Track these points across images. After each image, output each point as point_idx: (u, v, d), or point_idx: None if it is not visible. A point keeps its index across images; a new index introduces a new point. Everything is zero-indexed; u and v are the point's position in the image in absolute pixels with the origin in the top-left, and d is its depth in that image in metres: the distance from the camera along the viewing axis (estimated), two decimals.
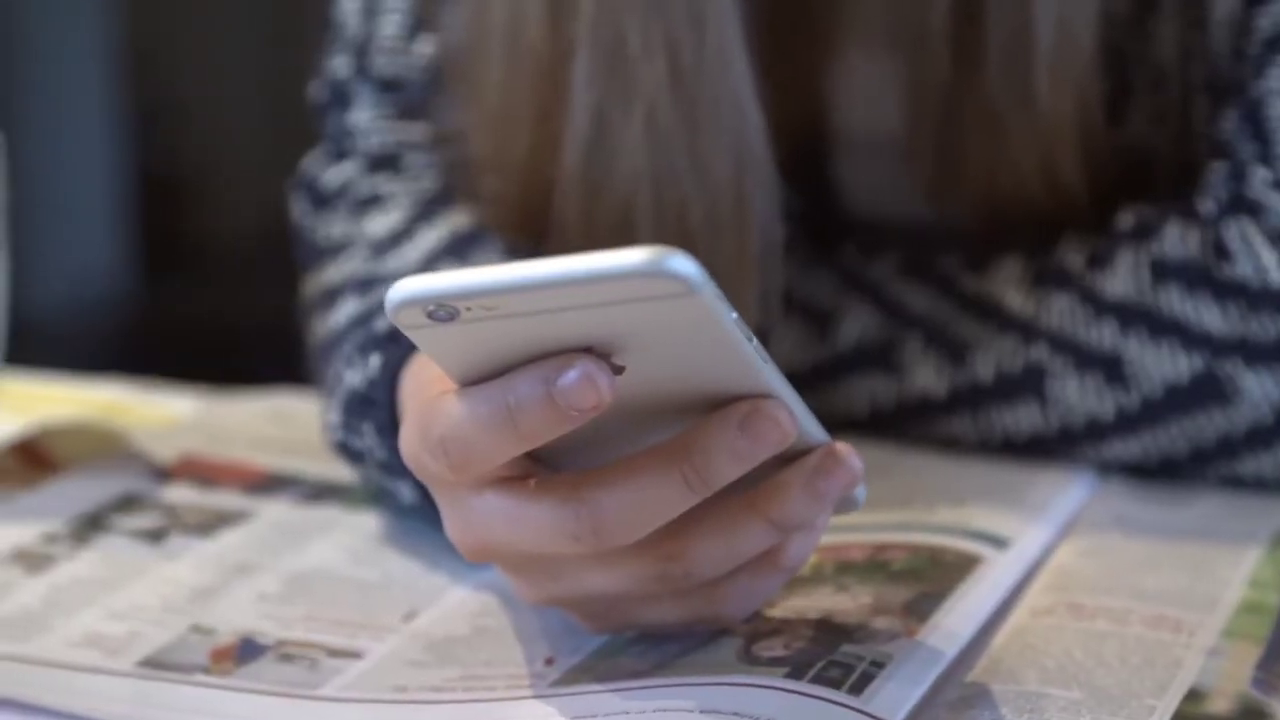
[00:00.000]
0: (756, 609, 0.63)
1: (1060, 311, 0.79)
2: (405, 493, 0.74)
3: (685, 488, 0.57)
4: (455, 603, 0.69)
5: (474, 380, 0.56)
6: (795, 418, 0.57)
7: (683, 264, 0.52)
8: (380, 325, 0.75)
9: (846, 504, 0.61)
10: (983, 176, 0.81)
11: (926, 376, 0.81)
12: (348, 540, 0.75)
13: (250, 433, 0.87)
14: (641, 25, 0.76)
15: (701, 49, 0.76)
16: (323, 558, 0.74)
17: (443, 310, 0.53)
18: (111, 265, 3.33)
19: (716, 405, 0.57)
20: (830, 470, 0.59)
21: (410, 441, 0.59)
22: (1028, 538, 0.72)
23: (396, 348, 0.72)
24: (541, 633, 0.66)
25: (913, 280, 0.83)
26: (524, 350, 0.55)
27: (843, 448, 0.59)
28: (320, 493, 0.80)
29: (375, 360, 0.73)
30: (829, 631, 0.63)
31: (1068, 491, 0.78)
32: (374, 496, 0.79)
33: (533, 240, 0.81)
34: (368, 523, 0.77)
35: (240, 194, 3.62)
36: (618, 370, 0.55)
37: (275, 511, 0.78)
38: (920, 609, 0.65)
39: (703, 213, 0.77)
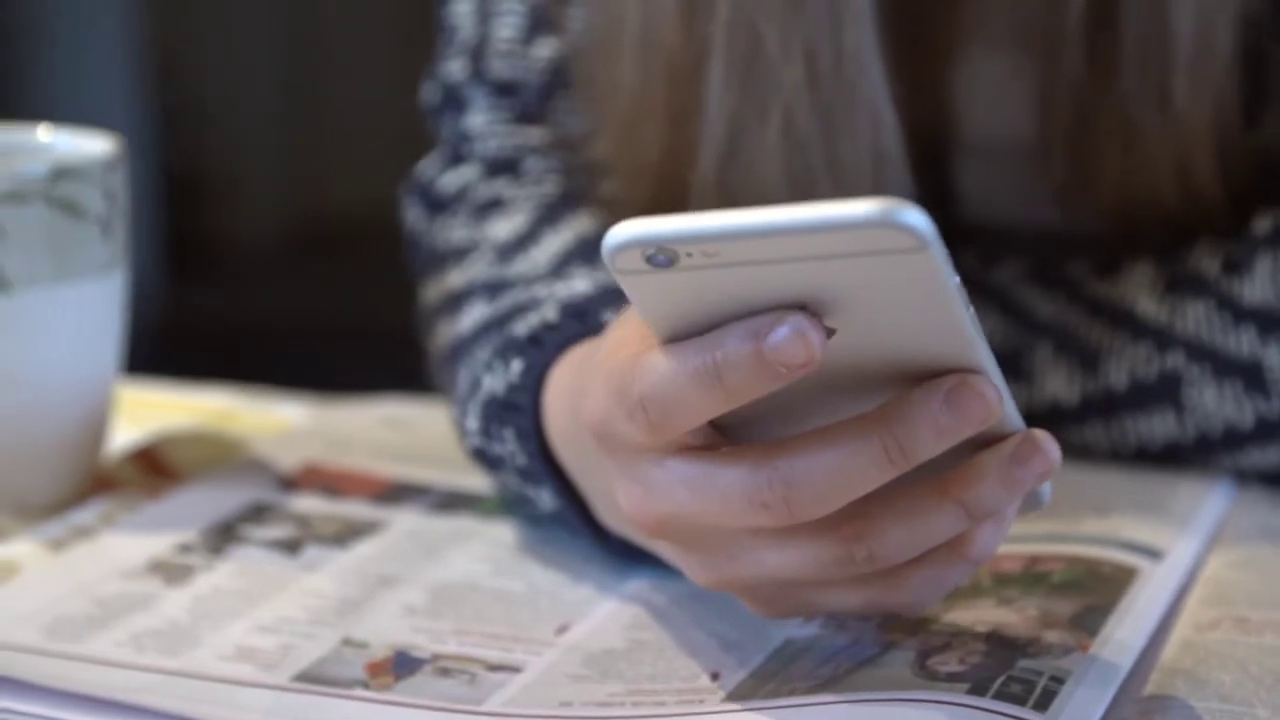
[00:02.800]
0: (936, 601, 0.62)
1: (1196, 318, 0.78)
2: (545, 499, 0.73)
3: (884, 460, 0.55)
4: (606, 615, 0.69)
5: (678, 338, 0.56)
6: (1001, 395, 0.56)
7: (915, 217, 0.51)
8: (519, 329, 0.74)
9: (1031, 502, 0.60)
10: (1116, 181, 0.81)
11: (1057, 384, 0.80)
12: (486, 551, 0.75)
13: (369, 440, 0.86)
14: (779, 28, 0.75)
15: (839, 51, 0.75)
16: (464, 569, 0.73)
17: (663, 255, 0.52)
18: (134, 265, 3.32)
19: (918, 379, 0.56)
20: (1027, 457, 0.57)
21: (600, 404, 0.58)
22: (1179, 548, 0.71)
23: (538, 352, 0.71)
24: (702, 646, 0.65)
25: (1039, 286, 0.82)
26: (734, 306, 0.54)
27: (1041, 435, 0.58)
28: (449, 502, 0.79)
29: (517, 365, 0.72)
30: (1002, 646, 0.62)
31: (1208, 500, 0.77)
32: (508, 505, 0.78)
33: None
34: (503, 532, 0.76)
35: (262, 195, 3.61)
36: (828, 333, 0.54)
37: (407, 521, 0.77)
38: (1088, 623, 0.64)
39: None
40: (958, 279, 0.53)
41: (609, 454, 0.60)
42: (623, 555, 0.71)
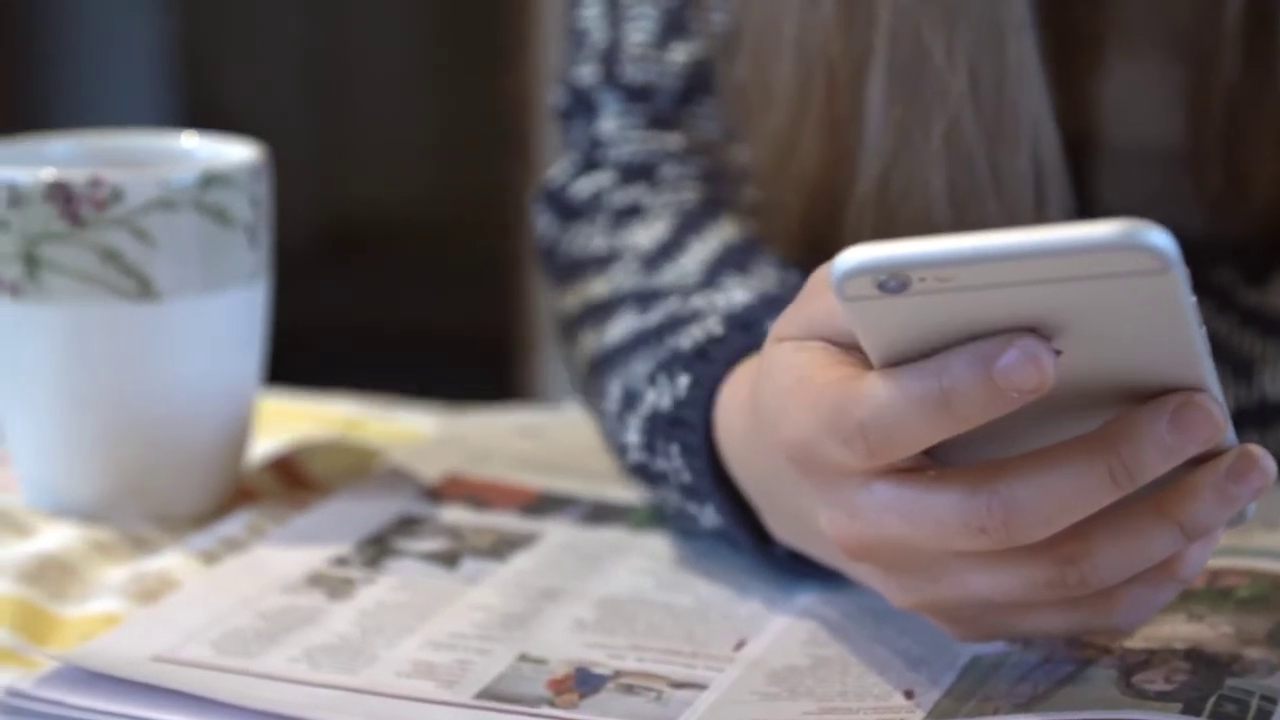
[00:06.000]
0: (1142, 624, 0.61)
1: None
2: (708, 516, 0.72)
3: (1109, 481, 0.54)
4: (781, 630, 0.67)
5: (895, 362, 0.54)
6: (1226, 414, 0.55)
7: (1161, 239, 0.50)
8: (682, 342, 0.73)
9: (1237, 518, 0.59)
10: (1270, 187, 0.79)
11: None
12: (645, 564, 0.73)
13: (506, 450, 0.85)
14: (945, 37, 0.73)
15: (1002, 60, 0.74)
16: (627, 583, 0.72)
17: (895, 280, 0.51)
18: None
19: (1136, 398, 0.55)
20: (1245, 472, 0.56)
21: (806, 427, 0.57)
22: None
23: (706, 366, 0.70)
24: (888, 663, 0.64)
25: None
26: (958, 330, 0.53)
27: (1256, 450, 0.57)
28: (598, 513, 0.78)
29: (683, 380, 0.71)
30: (1205, 664, 0.61)
31: None
32: (661, 518, 0.77)
33: (807, 254, 0.79)
34: (659, 545, 0.75)
35: (287, 198, 3.60)
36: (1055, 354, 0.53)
37: (559, 534, 0.76)
38: None
39: (1002, 227, 0.75)
40: (1194, 299, 0.52)
41: (809, 477, 0.59)
42: (789, 569, 0.70)
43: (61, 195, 0.73)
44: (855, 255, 0.51)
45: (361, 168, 3.41)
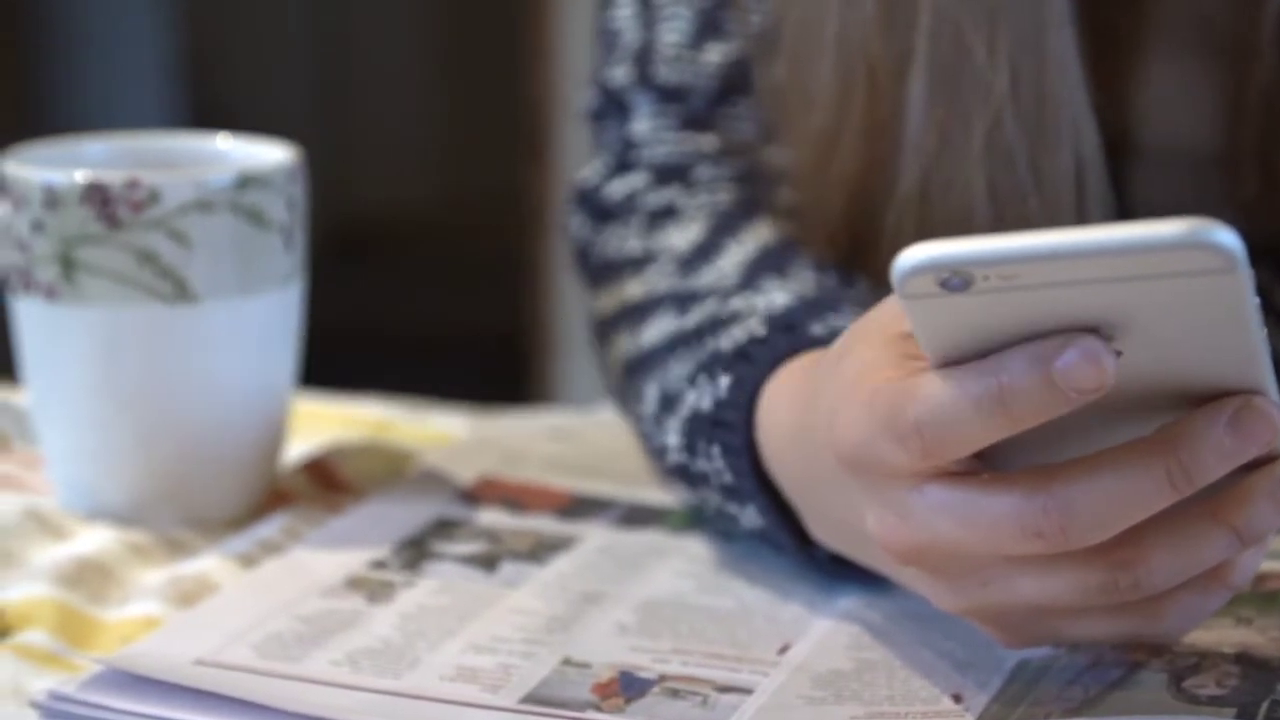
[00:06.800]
0: (1189, 631, 0.61)
1: None
2: (750, 516, 0.71)
3: (1167, 484, 0.54)
4: (824, 633, 0.67)
5: (952, 362, 0.54)
6: None
7: (1228, 238, 0.49)
8: (723, 344, 0.72)
9: None
10: None
11: None
12: (685, 567, 0.73)
13: (539, 453, 0.85)
14: (986, 36, 0.73)
15: (1043, 58, 0.74)
16: (669, 586, 0.71)
17: (958, 278, 0.51)
18: None
19: (1193, 401, 0.55)
20: None
21: (860, 427, 0.57)
22: None
23: (748, 367, 0.70)
24: (933, 667, 0.64)
25: None
26: (1017, 330, 0.53)
27: None
28: (635, 516, 0.78)
29: (725, 380, 0.70)
30: (1256, 668, 0.61)
31: None
32: (698, 520, 0.76)
33: (842, 255, 0.79)
34: (697, 548, 0.75)
35: None
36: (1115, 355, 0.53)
37: (597, 537, 0.76)
38: None
39: (1044, 226, 0.74)
40: (1257, 299, 0.52)
41: (860, 477, 0.58)
42: (830, 572, 0.70)
43: (98, 197, 0.73)
44: (918, 253, 0.51)
45: (371, 170, 3.41)
